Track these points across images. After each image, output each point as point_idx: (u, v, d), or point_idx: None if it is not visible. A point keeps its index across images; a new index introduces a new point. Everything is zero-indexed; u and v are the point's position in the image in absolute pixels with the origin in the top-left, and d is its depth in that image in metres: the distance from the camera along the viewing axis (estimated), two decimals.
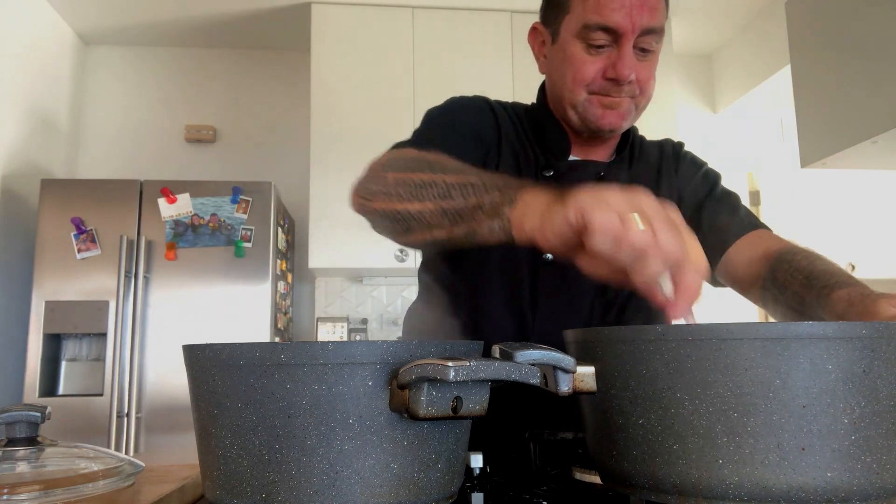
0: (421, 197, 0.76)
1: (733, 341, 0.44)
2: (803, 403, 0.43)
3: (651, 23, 0.90)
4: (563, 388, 0.48)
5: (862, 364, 0.44)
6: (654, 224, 0.53)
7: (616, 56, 0.91)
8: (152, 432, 2.67)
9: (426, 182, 0.76)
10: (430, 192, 0.75)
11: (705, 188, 1.08)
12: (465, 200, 0.72)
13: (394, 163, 0.84)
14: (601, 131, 0.98)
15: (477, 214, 0.70)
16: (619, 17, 0.89)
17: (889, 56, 2.25)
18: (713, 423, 0.45)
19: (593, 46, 0.92)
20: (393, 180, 0.80)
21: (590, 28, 0.91)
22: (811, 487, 0.43)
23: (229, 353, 0.47)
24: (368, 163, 0.89)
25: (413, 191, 0.77)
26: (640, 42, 0.92)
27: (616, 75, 0.91)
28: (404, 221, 0.78)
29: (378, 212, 0.82)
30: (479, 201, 0.70)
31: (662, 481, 0.47)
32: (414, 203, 0.76)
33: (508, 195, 0.68)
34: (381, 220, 0.83)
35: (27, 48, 3.12)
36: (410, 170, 0.80)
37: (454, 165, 0.79)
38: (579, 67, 0.94)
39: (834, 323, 0.44)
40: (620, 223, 0.53)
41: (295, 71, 3.79)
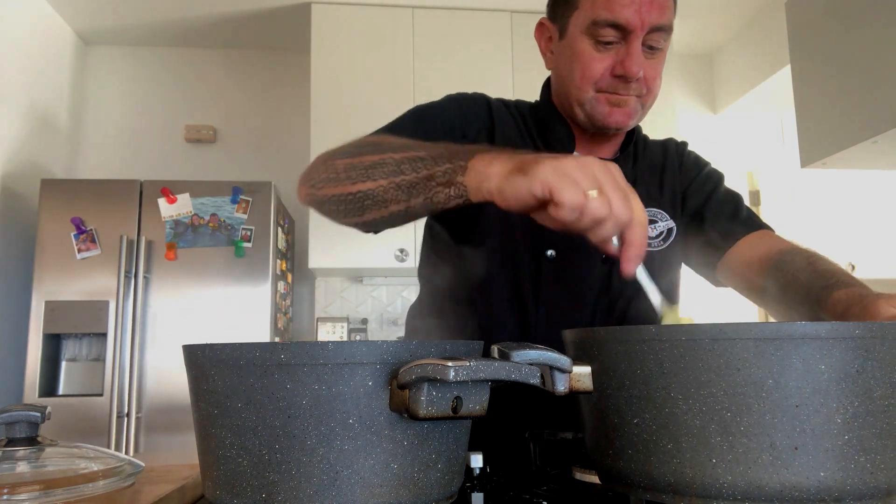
0: (372, 176, 0.77)
1: (726, 341, 0.45)
2: (796, 403, 0.44)
3: (660, 20, 0.91)
4: (559, 387, 0.48)
5: (855, 364, 0.44)
6: (608, 193, 0.60)
7: (624, 53, 0.92)
8: (152, 432, 2.67)
9: (375, 162, 0.78)
10: (381, 170, 0.77)
11: (708, 188, 1.09)
12: (416, 173, 0.73)
13: (339, 151, 0.86)
14: (608, 129, 0.98)
15: (430, 184, 0.72)
16: (629, 14, 0.89)
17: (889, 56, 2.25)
18: (707, 423, 0.45)
19: (602, 43, 0.92)
20: (342, 166, 0.82)
21: (599, 24, 0.91)
22: (804, 487, 0.43)
23: (229, 353, 0.47)
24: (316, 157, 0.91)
25: (363, 171, 0.78)
26: (649, 40, 0.92)
27: (624, 72, 0.91)
28: (358, 202, 0.79)
29: (328, 197, 0.83)
30: (430, 172, 0.72)
31: (657, 480, 0.48)
32: (367, 183, 0.78)
33: (458, 163, 0.70)
34: (333, 206, 0.84)
35: (27, 48, 3.12)
36: (357, 154, 0.82)
37: (400, 143, 0.81)
38: (588, 64, 0.94)
39: (827, 323, 0.44)
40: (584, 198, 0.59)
41: (295, 71, 3.79)
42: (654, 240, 1.02)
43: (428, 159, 0.73)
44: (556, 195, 0.59)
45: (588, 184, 0.59)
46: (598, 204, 0.59)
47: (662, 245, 1.02)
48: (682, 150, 1.13)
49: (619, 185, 0.61)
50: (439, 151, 0.74)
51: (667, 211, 1.05)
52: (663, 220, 1.03)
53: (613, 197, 0.59)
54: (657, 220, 1.03)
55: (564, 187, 0.59)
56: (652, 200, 1.04)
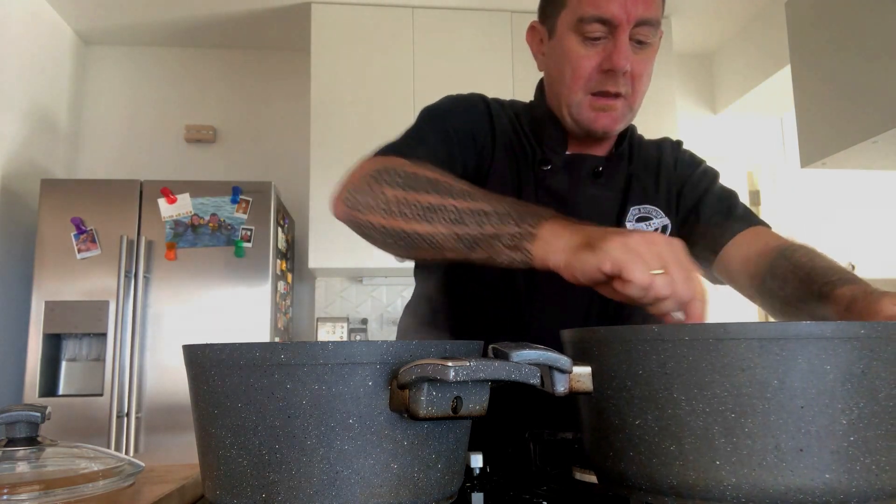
0: (430, 220, 0.76)
1: (730, 341, 0.44)
2: (801, 404, 0.43)
3: (646, 14, 0.91)
4: (559, 388, 0.48)
5: (860, 364, 0.43)
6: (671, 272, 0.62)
7: (612, 47, 0.92)
8: (152, 432, 2.67)
9: (434, 205, 0.76)
10: (440, 215, 0.75)
11: (703, 185, 1.09)
12: (480, 228, 0.72)
13: (387, 176, 0.82)
14: (595, 133, 0.99)
15: (495, 243, 0.71)
16: (615, 8, 0.90)
17: (889, 56, 2.25)
18: (710, 424, 0.45)
19: (589, 39, 0.93)
20: (394, 198, 0.79)
21: (585, 20, 0.92)
22: (809, 489, 0.43)
23: (229, 353, 0.47)
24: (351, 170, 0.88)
25: (420, 212, 0.77)
26: (636, 34, 0.92)
27: (612, 66, 0.92)
28: (412, 242, 0.78)
29: (374, 226, 0.81)
30: (496, 231, 0.71)
31: (659, 482, 0.47)
32: (423, 225, 0.76)
33: (526, 228, 0.70)
34: (379, 235, 0.82)
35: (27, 48, 3.12)
36: (411, 188, 0.79)
37: (460, 188, 0.78)
38: (576, 62, 0.94)
39: (832, 323, 0.44)
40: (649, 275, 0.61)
41: (295, 71, 3.79)
42: None
43: (493, 216, 0.72)
44: (625, 274, 0.61)
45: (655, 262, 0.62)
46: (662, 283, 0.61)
47: None
48: (676, 149, 1.13)
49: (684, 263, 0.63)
50: (504, 209, 0.73)
51: (661, 208, 1.05)
52: (658, 217, 1.04)
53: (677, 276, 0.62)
54: (651, 217, 1.04)
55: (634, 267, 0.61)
56: (647, 198, 1.05)
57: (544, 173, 1.01)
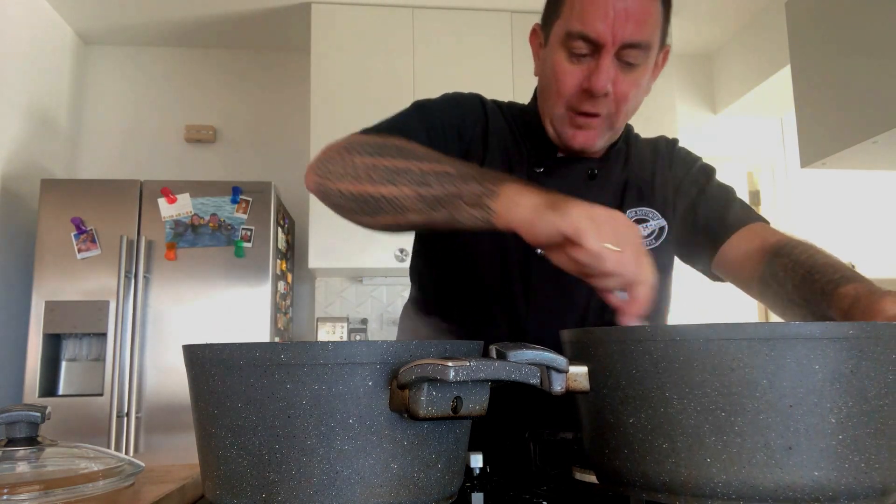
0: (395, 181, 0.77)
1: (720, 341, 0.45)
2: (790, 403, 0.44)
3: (634, 37, 0.87)
4: (556, 387, 0.48)
5: (849, 364, 0.44)
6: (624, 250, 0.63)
7: (594, 67, 0.90)
8: (152, 432, 2.67)
9: (400, 168, 0.78)
10: (406, 177, 0.76)
11: (700, 183, 1.08)
12: (443, 188, 0.73)
13: (357, 146, 0.84)
14: (574, 151, 0.99)
15: (456, 202, 0.72)
16: (601, 28, 0.87)
17: (889, 56, 2.25)
18: (701, 423, 0.45)
19: (575, 55, 0.91)
20: (362, 164, 0.81)
21: (572, 36, 0.90)
22: (798, 486, 0.44)
23: (229, 353, 0.47)
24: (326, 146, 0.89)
25: (386, 175, 0.78)
26: (623, 55, 0.89)
27: (590, 86, 0.90)
28: (375, 203, 0.79)
29: (342, 192, 0.82)
30: (458, 190, 0.72)
31: (653, 480, 0.48)
32: (388, 187, 0.77)
33: (488, 187, 0.71)
34: (345, 201, 0.83)
35: (27, 48, 3.13)
36: (379, 154, 0.81)
37: (424, 152, 0.80)
38: (560, 77, 0.93)
39: (821, 323, 0.44)
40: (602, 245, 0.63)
41: (295, 71, 3.79)
42: (645, 239, 1.01)
43: (456, 176, 0.73)
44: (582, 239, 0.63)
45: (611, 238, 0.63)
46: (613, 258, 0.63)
47: (654, 244, 1.02)
48: (672, 147, 1.12)
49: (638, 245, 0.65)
50: (468, 171, 0.74)
51: (658, 209, 1.04)
52: (655, 219, 1.03)
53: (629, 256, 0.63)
54: (648, 220, 1.03)
55: (591, 235, 0.63)
56: (643, 200, 1.04)
57: (537, 175, 1.01)
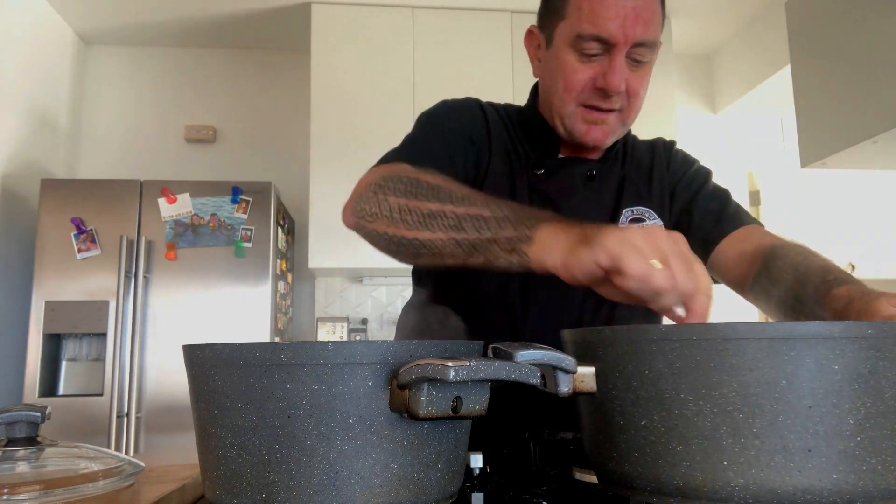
0: (430, 227, 0.76)
1: (738, 341, 0.44)
2: (809, 404, 0.43)
3: (644, 36, 0.90)
4: (562, 388, 0.47)
5: (867, 364, 0.43)
6: (671, 264, 0.59)
7: (607, 66, 0.92)
8: (152, 432, 2.67)
9: (434, 212, 0.77)
10: (440, 222, 0.75)
11: (696, 184, 1.09)
12: (478, 234, 0.72)
13: (391, 184, 0.83)
14: (585, 145, 0.99)
15: (492, 248, 0.71)
16: (613, 28, 0.89)
17: (889, 56, 2.25)
18: (718, 425, 0.44)
19: (585, 55, 0.93)
20: (396, 206, 0.80)
21: (583, 38, 0.91)
22: (817, 489, 0.43)
23: (229, 353, 0.47)
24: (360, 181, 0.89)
25: (421, 220, 0.77)
26: (633, 53, 0.92)
27: (605, 85, 0.92)
28: (414, 248, 0.79)
29: (379, 234, 0.82)
30: (494, 235, 0.71)
31: (665, 484, 0.47)
32: (424, 232, 0.77)
33: (523, 231, 0.70)
34: (384, 243, 0.83)
35: (27, 48, 3.12)
36: (413, 195, 0.80)
37: (460, 193, 0.79)
38: (570, 76, 0.94)
39: (840, 322, 0.44)
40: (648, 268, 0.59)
41: (295, 71, 3.79)
42: None
43: (491, 220, 0.72)
44: (622, 265, 0.59)
45: (653, 254, 0.60)
46: (662, 275, 0.59)
47: None
48: (669, 149, 1.13)
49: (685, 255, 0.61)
50: (503, 213, 0.73)
51: (654, 209, 1.05)
52: (651, 219, 1.04)
53: (678, 268, 0.59)
54: (644, 219, 1.04)
55: (631, 257, 0.59)
56: (640, 200, 1.05)
57: (537, 177, 1.01)
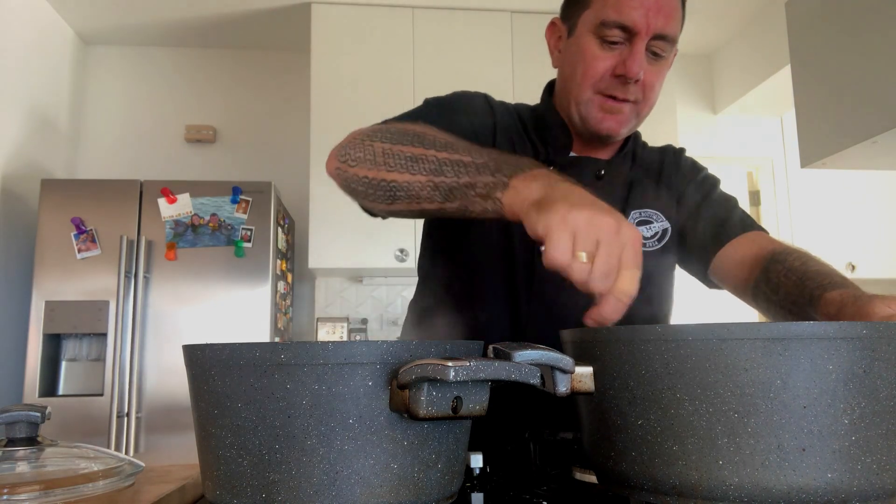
0: (411, 169, 0.76)
1: (734, 341, 0.44)
2: (804, 404, 0.43)
3: (665, 29, 0.93)
4: (560, 388, 0.48)
5: (862, 364, 0.44)
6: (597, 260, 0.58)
7: (628, 53, 0.94)
8: (152, 432, 2.67)
9: (416, 155, 0.77)
10: (421, 165, 0.76)
11: (703, 192, 1.10)
12: (457, 178, 0.73)
13: (379, 134, 0.84)
14: (599, 135, 1.00)
15: (469, 193, 0.71)
16: (637, 17, 0.92)
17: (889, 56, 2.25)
18: (713, 424, 0.45)
19: (607, 42, 0.95)
20: (381, 150, 0.81)
21: (607, 25, 0.93)
22: (811, 488, 0.43)
23: (229, 353, 0.47)
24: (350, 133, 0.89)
25: (403, 162, 0.78)
26: (653, 46, 0.94)
27: (625, 71, 0.93)
28: (390, 190, 0.79)
29: (359, 177, 0.82)
30: (472, 181, 0.71)
31: (661, 482, 0.47)
32: (404, 174, 0.77)
33: (500, 178, 0.69)
34: (362, 187, 0.83)
35: (27, 48, 3.12)
36: (399, 142, 0.80)
37: (444, 139, 0.79)
38: (591, 62, 0.96)
39: (835, 323, 0.44)
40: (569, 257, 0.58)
41: (295, 71, 3.79)
42: (648, 240, 1.04)
43: (471, 166, 0.72)
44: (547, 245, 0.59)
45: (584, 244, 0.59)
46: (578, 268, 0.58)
47: (657, 245, 1.04)
48: (679, 155, 1.15)
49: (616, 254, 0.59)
50: (484, 160, 0.72)
51: (662, 212, 1.06)
52: (659, 221, 1.05)
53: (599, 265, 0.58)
54: (652, 221, 1.05)
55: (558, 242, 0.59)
56: (648, 202, 1.06)
57: None
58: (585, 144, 1.05)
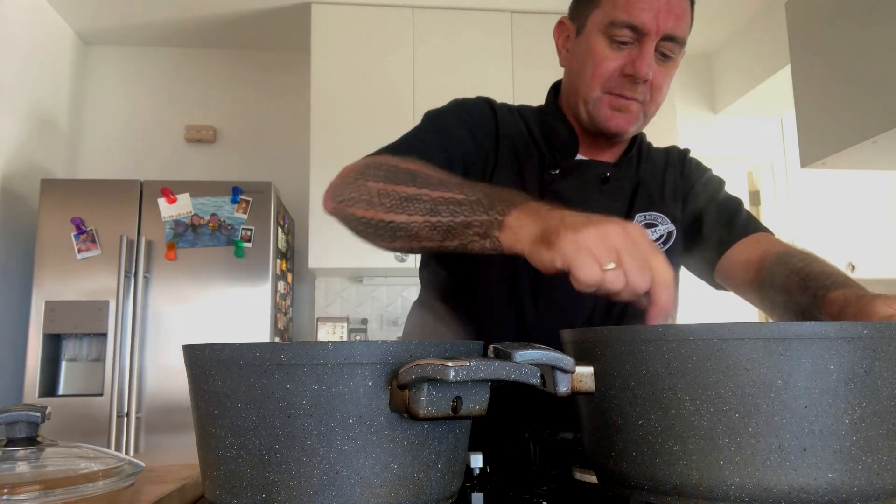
0: (407, 210, 0.78)
1: (735, 341, 0.44)
2: (805, 404, 0.43)
3: (674, 30, 0.93)
4: (561, 388, 0.48)
5: (863, 364, 0.44)
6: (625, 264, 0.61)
7: (637, 54, 0.94)
8: (152, 432, 2.67)
9: (411, 196, 0.78)
10: (417, 206, 0.77)
11: (708, 193, 1.10)
12: (453, 217, 0.74)
13: (371, 171, 0.85)
14: (608, 133, 1.00)
15: (468, 233, 0.73)
16: (647, 17, 0.92)
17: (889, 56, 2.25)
18: (714, 424, 0.45)
19: (616, 42, 0.95)
20: (375, 190, 0.82)
21: (616, 25, 0.94)
22: (812, 488, 0.43)
23: (229, 353, 0.47)
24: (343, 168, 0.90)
25: (398, 202, 0.79)
26: (662, 47, 0.95)
27: (634, 72, 0.94)
28: (390, 231, 0.80)
29: (357, 217, 0.83)
30: (468, 220, 0.73)
31: (662, 482, 0.47)
32: (401, 215, 0.78)
33: (495, 216, 0.71)
34: (361, 227, 0.84)
35: (27, 48, 3.12)
36: (392, 181, 0.82)
37: (436, 178, 0.80)
38: (600, 62, 0.96)
39: (836, 323, 0.44)
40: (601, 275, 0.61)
41: (295, 71, 3.79)
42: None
43: (466, 205, 0.74)
44: (574, 272, 0.61)
45: (606, 255, 0.61)
46: (613, 277, 0.61)
47: (662, 248, 1.04)
48: (683, 157, 1.15)
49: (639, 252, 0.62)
50: (476, 198, 0.74)
51: (667, 215, 1.06)
52: (664, 224, 1.05)
53: (629, 266, 0.61)
54: (657, 224, 1.05)
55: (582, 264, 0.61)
56: (653, 205, 1.06)
57: (552, 177, 1.02)
58: (591, 145, 1.05)
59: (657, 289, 0.62)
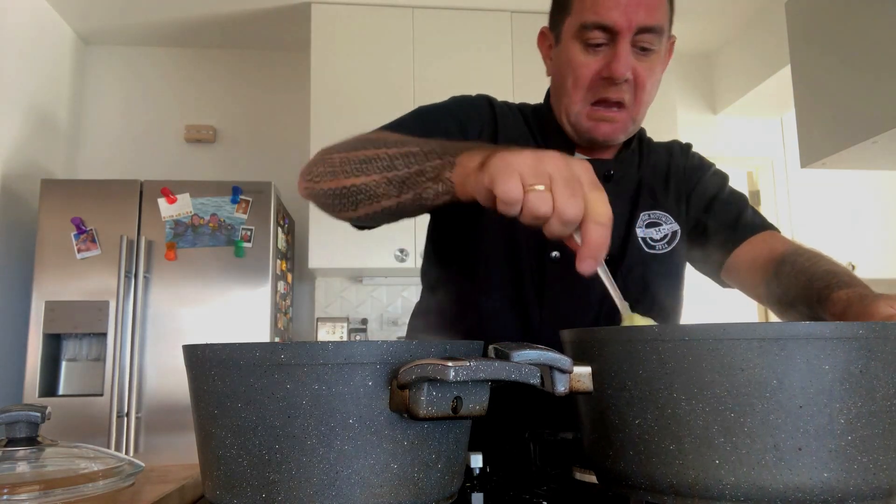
0: (366, 171, 0.78)
1: (730, 341, 0.44)
2: (800, 403, 0.43)
3: (648, 21, 0.90)
4: (559, 388, 0.48)
5: (858, 364, 0.44)
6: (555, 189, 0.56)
7: (612, 54, 0.91)
8: (152, 432, 2.67)
9: (370, 157, 0.78)
10: (375, 165, 0.77)
11: (713, 189, 1.09)
12: (408, 169, 0.73)
13: (338, 146, 0.86)
14: (596, 140, 0.98)
15: (420, 180, 0.72)
16: (616, 16, 0.89)
17: (889, 56, 2.25)
18: (710, 424, 0.45)
19: (591, 45, 0.93)
20: (338, 160, 0.83)
21: (587, 27, 0.92)
22: (808, 488, 0.43)
23: (229, 353, 0.47)
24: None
25: (358, 166, 0.79)
26: (639, 41, 0.92)
27: (610, 73, 0.91)
28: (352, 196, 0.80)
29: (324, 191, 0.84)
30: (421, 167, 0.72)
31: (659, 482, 0.48)
32: (360, 177, 0.78)
33: (448, 159, 0.69)
34: (328, 199, 0.85)
35: (27, 48, 3.12)
36: (354, 148, 0.82)
37: (396, 138, 0.81)
38: (577, 69, 0.94)
39: (831, 323, 0.44)
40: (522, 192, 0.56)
41: (295, 71, 3.79)
42: (658, 242, 1.02)
43: (420, 155, 0.72)
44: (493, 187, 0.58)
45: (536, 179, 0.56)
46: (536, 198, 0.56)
47: (667, 248, 1.02)
48: (686, 152, 1.13)
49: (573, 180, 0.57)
50: (431, 147, 0.73)
51: (671, 213, 1.05)
52: (668, 223, 1.03)
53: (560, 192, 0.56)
54: (661, 223, 1.03)
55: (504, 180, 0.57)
56: (656, 204, 1.04)
57: None
58: (588, 148, 1.04)
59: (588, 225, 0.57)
